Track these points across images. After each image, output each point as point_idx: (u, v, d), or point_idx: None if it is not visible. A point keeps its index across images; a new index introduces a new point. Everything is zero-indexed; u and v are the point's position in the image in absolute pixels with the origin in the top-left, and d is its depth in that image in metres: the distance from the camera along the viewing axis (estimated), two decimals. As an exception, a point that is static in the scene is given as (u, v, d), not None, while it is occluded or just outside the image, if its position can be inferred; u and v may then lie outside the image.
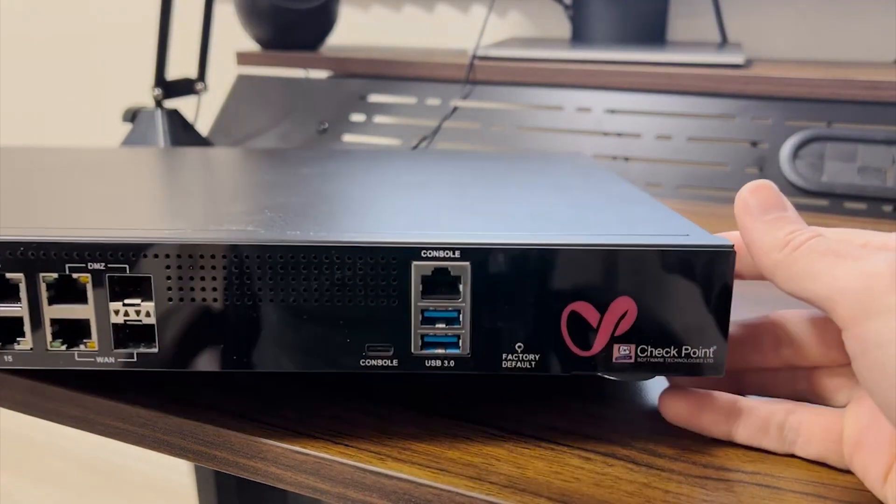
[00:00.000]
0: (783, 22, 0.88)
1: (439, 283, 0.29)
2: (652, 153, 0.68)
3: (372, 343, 0.29)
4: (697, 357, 0.29)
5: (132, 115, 0.72)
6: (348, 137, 0.78)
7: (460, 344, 0.29)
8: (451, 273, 0.28)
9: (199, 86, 0.75)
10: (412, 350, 0.29)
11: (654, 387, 0.35)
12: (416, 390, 0.34)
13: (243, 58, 0.86)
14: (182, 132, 0.71)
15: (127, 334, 0.30)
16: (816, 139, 0.64)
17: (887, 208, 0.60)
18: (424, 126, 0.76)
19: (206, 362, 0.29)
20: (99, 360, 0.29)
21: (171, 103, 0.71)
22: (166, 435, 0.32)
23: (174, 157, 0.52)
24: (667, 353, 0.29)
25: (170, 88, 0.71)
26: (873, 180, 0.61)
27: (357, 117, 0.79)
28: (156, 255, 0.28)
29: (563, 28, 0.94)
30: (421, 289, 0.28)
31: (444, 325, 0.29)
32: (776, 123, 0.67)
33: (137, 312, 0.29)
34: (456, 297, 0.29)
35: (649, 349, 0.29)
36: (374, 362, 0.29)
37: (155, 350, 0.29)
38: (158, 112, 0.70)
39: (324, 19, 0.89)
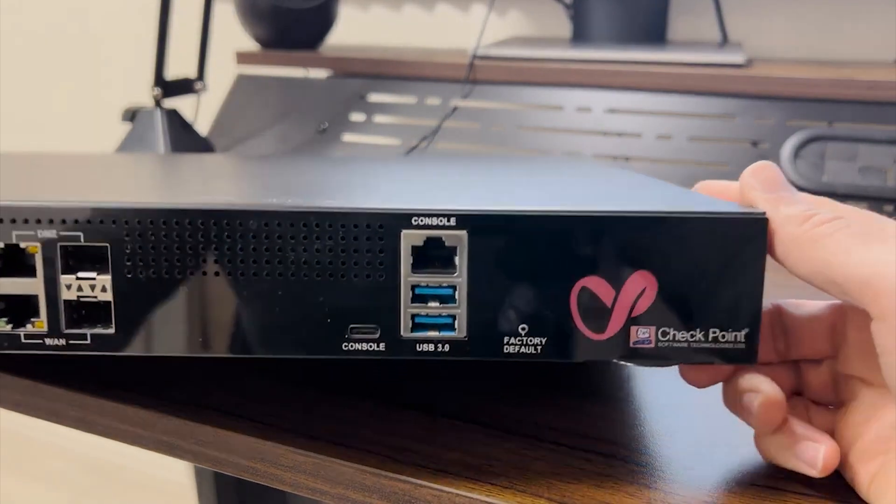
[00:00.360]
0: (784, 21, 0.87)
1: (432, 255, 0.25)
2: (652, 153, 0.67)
3: (356, 324, 0.25)
4: (726, 342, 0.25)
5: (131, 115, 0.72)
6: (348, 137, 0.76)
7: (456, 325, 0.25)
8: (446, 243, 0.25)
9: (198, 85, 0.75)
10: (401, 332, 0.25)
11: (657, 386, 0.34)
12: (415, 390, 0.33)
13: (243, 57, 0.83)
14: (181, 132, 0.70)
15: (80, 313, 0.26)
16: (817, 139, 0.63)
17: (888, 208, 0.60)
18: (424, 126, 0.74)
19: (169, 346, 0.26)
20: (48, 341, 0.26)
21: (170, 103, 0.71)
22: (166, 435, 0.31)
23: (163, 158, 0.49)
24: (691, 336, 0.25)
25: (169, 88, 0.71)
26: (874, 180, 0.60)
27: (357, 117, 0.77)
28: (114, 222, 0.25)
29: (564, 27, 0.94)
30: (411, 262, 0.25)
31: (437, 304, 0.25)
32: (777, 123, 0.65)
33: (92, 287, 0.25)
34: (451, 271, 0.25)
35: (671, 332, 0.25)
36: (358, 346, 0.25)
37: (111, 331, 0.26)
38: (158, 112, 0.70)
39: (323, 18, 0.86)
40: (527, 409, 0.31)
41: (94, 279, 0.25)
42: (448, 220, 0.24)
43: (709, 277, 0.25)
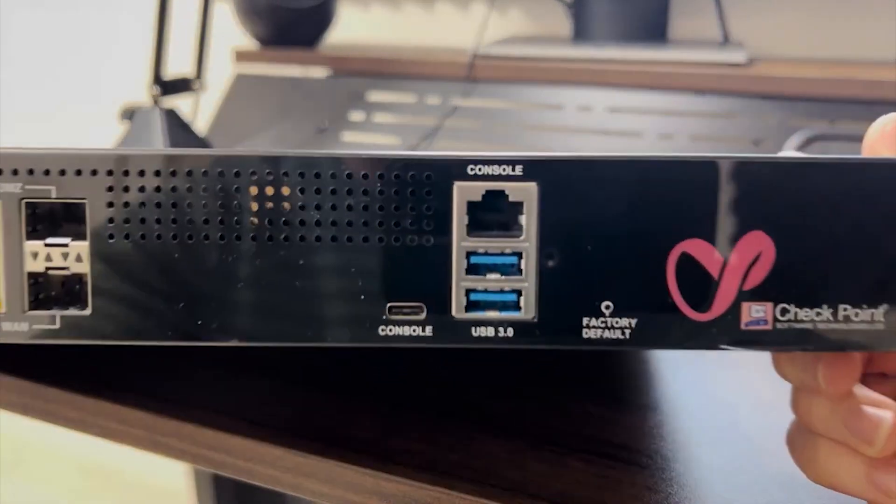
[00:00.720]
0: (786, 19, 0.87)
1: (493, 213, 0.20)
2: (654, 152, 0.68)
3: (396, 302, 0.20)
4: (861, 321, 0.20)
5: (129, 114, 0.72)
6: (348, 136, 0.73)
7: (522, 304, 0.20)
8: (510, 198, 0.20)
9: (196, 84, 0.75)
10: (452, 312, 0.20)
11: (658, 387, 0.34)
12: (416, 391, 0.33)
13: (241, 55, 0.80)
14: (179, 132, 0.70)
15: (48, 291, 0.21)
16: (819, 138, 0.63)
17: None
18: (424, 125, 0.72)
19: (161, 331, 0.20)
20: (6, 326, 0.21)
21: (168, 102, 0.71)
22: (164, 437, 0.30)
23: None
24: (818, 315, 0.20)
25: (167, 87, 0.71)
26: (876, 180, 0.60)
27: (357, 116, 0.74)
28: (94, 172, 0.20)
29: (565, 25, 0.94)
30: (466, 221, 0.20)
31: (498, 276, 0.20)
32: (778, 122, 0.63)
33: (64, 256, 0.20)
34: (516, 234, 0.20)
35: (793, 309, 0.20)
36: (399, 331, 0.20)
37: (87, 312, 0.21)
38: (156, 111, 0.69)
39: (322, 16, 0.82)
40: (528, 410, 0.31)
41: (66, 246, 0.21)
42: (513, 169, 0.19)
43: (837, 239, 0.20)
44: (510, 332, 0.20)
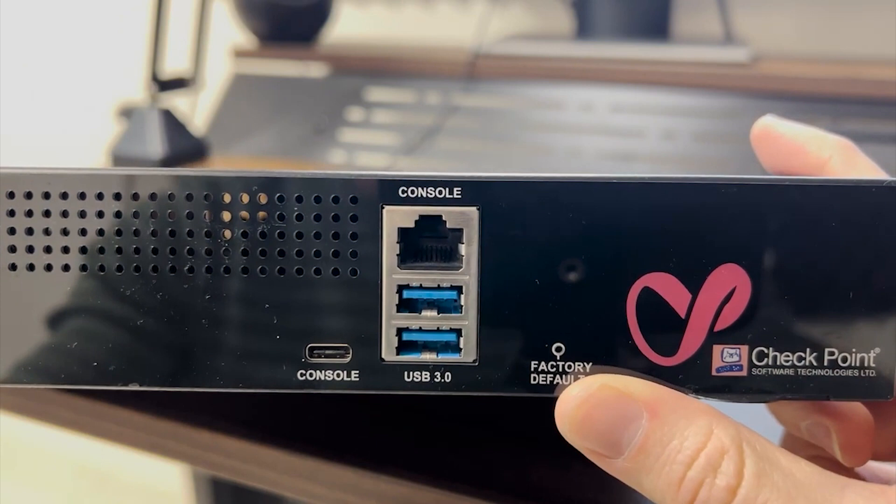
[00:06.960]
0: (789, 17, 0.87)
1: (428, 242, 0.18)
2: (657, 150, 0.68)
3: (317, 343, 0.18)
4: (850, 366, 0.18)
5: (125, 112, 0.72)
6: (347, 135, 0.72)
7: (462, 345, 0.18)
8: (448, 225, 0.18)
9: (194, 83, 0.75)
10: (382, 355, 0.18)
11: None
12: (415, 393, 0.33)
13: (239, 53, 0.79)
14: (176, 131, 0.70)
15: None
16: (823, 137, 0.63)
17: None
18: (424, 124, 0.72)
19: (33, 373, 0.18)
20: None
21: (166, 100, 0.71)
22: (161, 439, 0.30)
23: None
24: (800, 359, 0.18)
25: (164, 85, 0.70)
26: (881, 179, 0.60)
27: (356, 114, 0.73)
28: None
29: (567, 23, 0.94)
30: (398, 251, 0.18)
31: (434, 314, 0.18)
32: None
33: None
34: (455, 265, 0.18)
35: (771, 353, 0.18)
36: (319, 375, 0.18)
37: None
38: (152, 110, 0.69)
39: (321, 12, 0.81)
40: (528, 411, 0.31)
41: None
42: (451, 192, 0.17)
43: (822, 272, 0.18)
44: (448, 377, 0.19)
